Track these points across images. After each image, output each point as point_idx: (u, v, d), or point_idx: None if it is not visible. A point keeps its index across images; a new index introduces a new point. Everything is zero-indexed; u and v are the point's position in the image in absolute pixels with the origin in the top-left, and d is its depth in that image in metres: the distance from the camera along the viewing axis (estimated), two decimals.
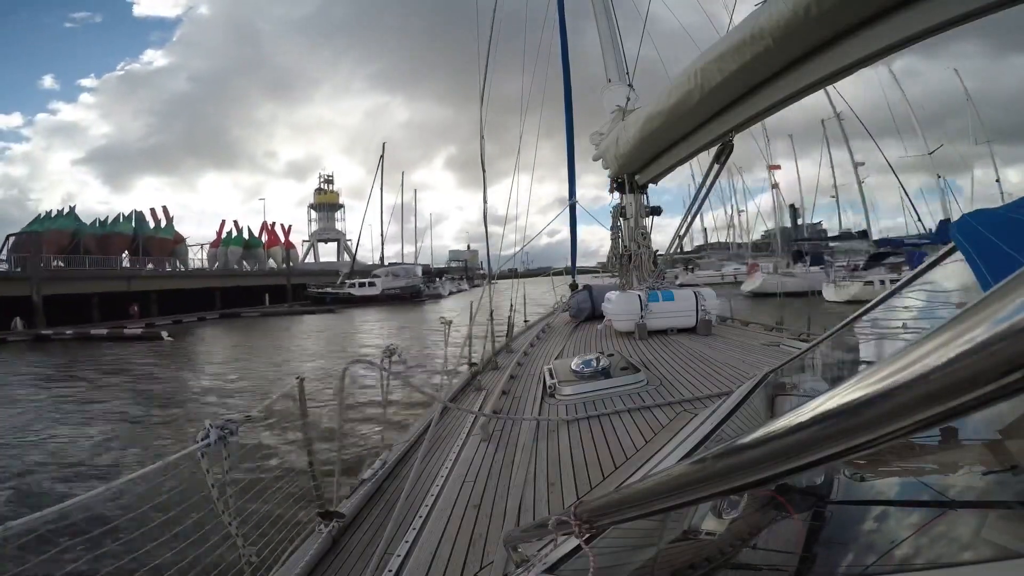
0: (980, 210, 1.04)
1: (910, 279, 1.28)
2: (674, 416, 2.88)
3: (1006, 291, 0.24)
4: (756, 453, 0.39)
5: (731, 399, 1.77)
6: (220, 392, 10.53)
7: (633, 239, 7.03)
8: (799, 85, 3.29)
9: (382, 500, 2.49)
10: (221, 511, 1.80)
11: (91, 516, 1.55)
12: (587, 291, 8.22)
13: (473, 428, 3.13)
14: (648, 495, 0.57)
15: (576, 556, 0.94)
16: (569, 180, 10.36)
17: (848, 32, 2.76)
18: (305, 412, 2.27)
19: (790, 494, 0.91)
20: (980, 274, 0.87)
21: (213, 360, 15.72)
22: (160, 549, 1.71)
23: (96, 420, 8.48)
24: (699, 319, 5.78)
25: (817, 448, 0.33)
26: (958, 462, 0.83)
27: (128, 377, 12.50)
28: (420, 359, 11.52)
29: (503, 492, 2.26)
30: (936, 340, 0.26)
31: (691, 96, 4.07)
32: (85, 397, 10.36)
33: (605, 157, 6.86)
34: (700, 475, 0.47)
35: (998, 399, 0.24)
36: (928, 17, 2.36)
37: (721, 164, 5.28)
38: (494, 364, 5.38)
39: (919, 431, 0.27)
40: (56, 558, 1.72)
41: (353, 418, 7.81)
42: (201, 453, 1.68)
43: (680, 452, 1.65)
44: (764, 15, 3.02)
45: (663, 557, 1.01)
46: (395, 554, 1.90)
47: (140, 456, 6.37)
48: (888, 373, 0.28)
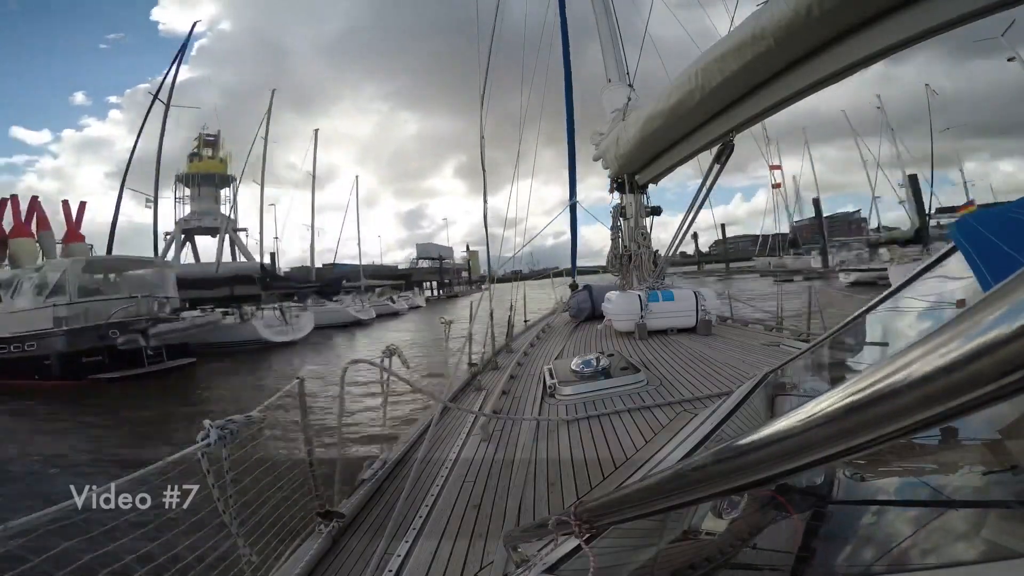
0: (980, 210, 1.04)
1: (910, 279, 1.28)
2: (674, 416, 2.88)
3: (1006, 291, 0.24)
4: (756, 453, 0.39)
5: (731, 399, 1.77)
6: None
7: (633, 239, 7.03)
8: (800, 85, 3.29)
9: (382, 500, 2.49)
10: (222, 511, 1.80)
11: (91, 516, 1.55)
12: (587, 291, 8.22)
13: (473, 428, 3.13)
14: (648, 495, 0.57)
15: (576, 556, 0.94)
16: (570, 180, 10.38)
17: (849, 32, 2.76)
18: (305, 412, 2.28)
19: (790, 494, 0.91)
20: (980, 274, 0.87)
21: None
22: (160, 549, 1.71)
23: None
24: (699, 319, 5.78)
25: (817, 448, 0.33)
26: (958, 462, 0.83)
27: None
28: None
29: (503, 492, 2.26)
30: (936, 340, 0.26)
31: (692, 96, 4.07)
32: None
33: (605, 157, 6.86)
34: (700, 475, 0.47)
35: (998, 399, 0.24)
36: (929, 17, 2.36)
37: (722, 164, 5.27)
38: (494, 364, 5.38)
39: (919, 431, 0.27)
40: (56, 558, 1.72)
41: (354, 418, 7.81)
42: (201, 453, 1.68)
43: (680, 452, 1.65)
44: (765, 15, 3.03)
45: (663, 557, 1.01)
46: (395, 554, 1.90)
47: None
48: (888, 373, 0.28)
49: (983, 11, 2.21)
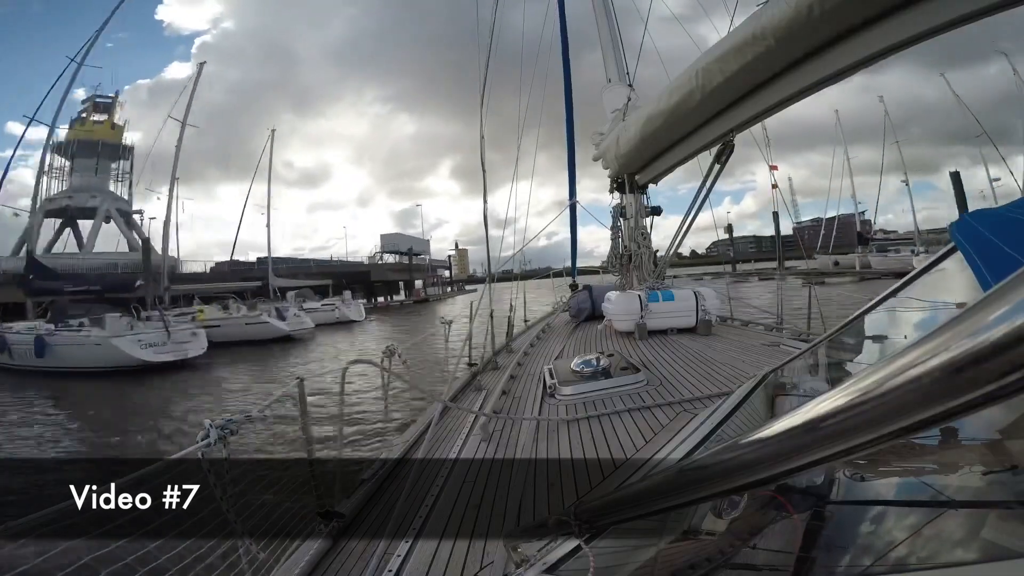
0: (980, 210, 1.04)
1: (910, 279, 1.28)
2: (674, 416, 2.88)
3: (1006, 291, 0.24)
4: (756, 453, 0.39)
5: (731, 399, 1.77)
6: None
7: (633, 239, 7.03)
8: (800, 85, 3.29)
9: (382, 500, 2.49)
10: (225, 510, 1.80)
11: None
12: (587, 291, 8.22)
13: (473, 428, 3.13)
14: (648, 495, 0.57)
15: (576, 556, 0.94)
16: (570, 180, 10.37)
17: (850, 32, 2.76)
18: (305, 412, 2.28)
19: (790, 494, 0.91)
20: (980, 274, 0.87)
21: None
22: (160, 549, 1.71)
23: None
24: (699, 319, 5.78)
25: (817, 448, 0.33)
26: (958, 462, 0.83)
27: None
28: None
29: (503, 492, 2.26)
30: (936, 340, 0.26)
31: (692, 96, 4.06)
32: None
33: (605, 157, 6.86)
34: (700, 475, 0.47)
35: (998, 399, 0.24)
36: (929, 18, 2.36)
37: (722, 164, 5.27)
38: (494, 364, 5.38)
39: (919, 431, 0.27)
40: (56, 558, 1.72)
41: (354, 418, 7.81)
42: (201, 453, 1.68)
43: (680, 452, 1.65)
44: (766, 16, 3.03)
45: (663, 557, 1.01)
46: (395, 554, 1.90)
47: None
48: (888, 373, 0.28)
49: (983, 11, 2.21)
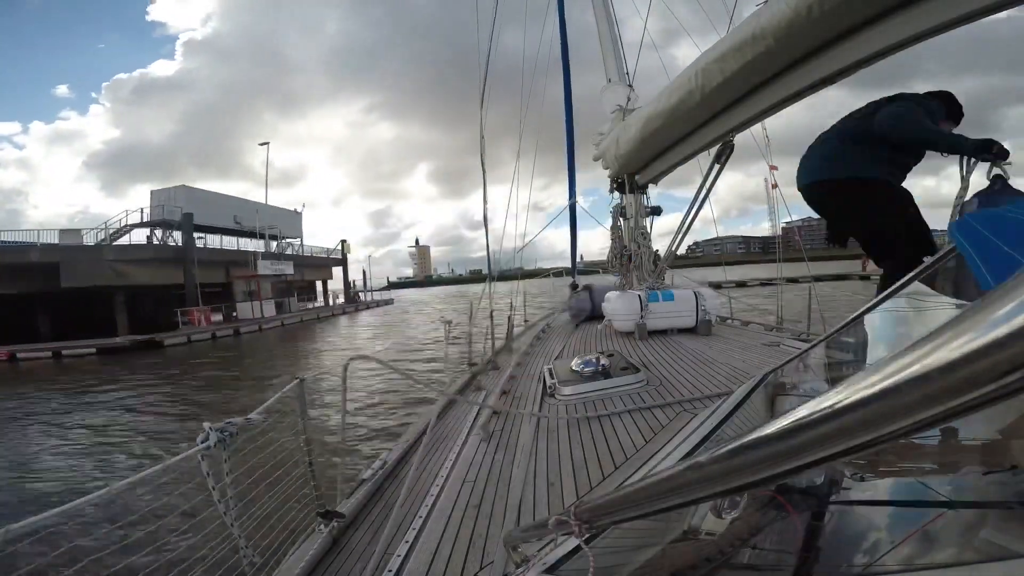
0: (979, 210, 1.04)
1: (910, 279, 1.28)
2: (674, 416, 2.88)
3: (1006, 291, 0.24)
4: (756, 453, 0.39)
5: (731, 399, 1.77)
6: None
7: (633, 239, 7.03)
8: (801, 85, 3.28)
9: (382, 500, 2.49)
10: (223, 512, 1.80)
11: (92, 519, 1.55)
12: (587, 291, 8.22)
13: (473, 428, 3.13)
14: (648, 495, 0.57)
15: (576, 556, 0.94)
16: (569, 180, 10.36)
17: (851, 31, 2.76)
18: (305, 412, 2.28)
19: (790, 494, 0.91)
20: (980, 274, 0.87)
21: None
22: (161, 550, 1.72)
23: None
24: (699, 319, 5.78)
25: (817, 448, 0.33)
26: (958, 462, 0.83)
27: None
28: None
29: (503, 492, 2.26)
30: (936, 340, 0.26)
31: (692, 96, 4.06)
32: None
33: (605, 157, 6.86)
34: (700, 475, 0.47)
35: (998, 399, 0.24)
36: (931, 17, 2.35)
37: (722, 164, 5.28)
38: (494, 364, 5.39)
39: (919, 431, 0.27)
40: (57, 560, 1.72)
41: (354, 418, 7.82)
42: (201, 455, 1.68)
43: (680, 452, 1.65)
44: (766, 15, 3.02)
45: (663, 557, 1.01)
46: (395, 554, 1.90)
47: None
48: (888, 373, 0.28)
49: (983, 11, 2.21)
